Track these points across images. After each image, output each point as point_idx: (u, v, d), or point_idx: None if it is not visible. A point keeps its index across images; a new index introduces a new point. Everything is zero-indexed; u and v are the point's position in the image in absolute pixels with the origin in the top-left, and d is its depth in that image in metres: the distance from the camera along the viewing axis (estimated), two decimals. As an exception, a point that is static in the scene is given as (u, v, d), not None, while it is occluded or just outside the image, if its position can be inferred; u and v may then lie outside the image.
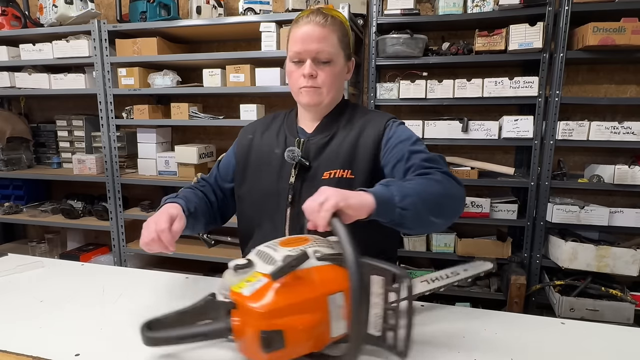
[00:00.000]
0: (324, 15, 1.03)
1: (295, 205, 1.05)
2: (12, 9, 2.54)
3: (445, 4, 2.06)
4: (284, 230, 1.07)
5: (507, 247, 2.17)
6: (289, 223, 1.06)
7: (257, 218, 1.10)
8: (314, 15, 1.03)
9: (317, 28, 1.01)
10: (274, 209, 1.08)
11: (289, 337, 0.65)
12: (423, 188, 0.85)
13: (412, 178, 0.90)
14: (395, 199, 0.81)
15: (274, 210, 1.08)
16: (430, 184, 0.87)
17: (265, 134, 1.15)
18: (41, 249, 2.75)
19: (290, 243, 0.76)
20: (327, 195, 0.74)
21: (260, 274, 0.69)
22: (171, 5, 2.33)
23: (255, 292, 0.66)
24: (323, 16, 1.03)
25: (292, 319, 0.65)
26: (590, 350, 0.81)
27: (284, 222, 1.07)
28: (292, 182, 1.06)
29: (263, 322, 0.64)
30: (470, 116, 2.19)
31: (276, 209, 1.07)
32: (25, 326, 0.87)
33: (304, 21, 1.03)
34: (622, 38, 1.84)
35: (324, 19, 1.02)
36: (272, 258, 0.72)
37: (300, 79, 1.04)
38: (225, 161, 1.21)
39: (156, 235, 0.90)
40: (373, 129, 1.06)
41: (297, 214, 1.05)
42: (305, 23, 1.02)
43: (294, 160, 1.04)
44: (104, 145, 2.47)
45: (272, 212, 1.08)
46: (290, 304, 0.66)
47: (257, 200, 1.10)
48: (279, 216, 1.07)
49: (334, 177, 1.04)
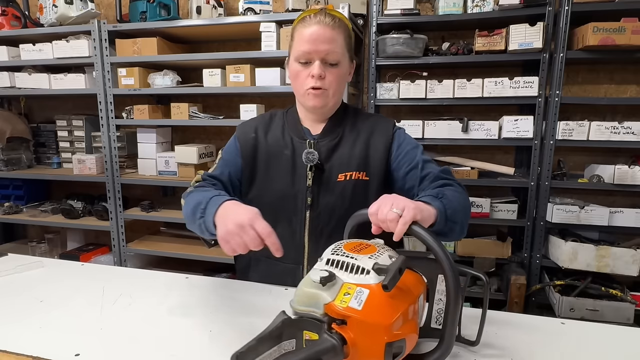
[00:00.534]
0: (332, 16, 1.03)
1: (315, 208, 1.06)
2: (12, 9, 2.54)
3: (445, 4, 2.06)
4: (303, 233, 1.08)
5: (507, 247, 2.17)
6: (309, 225, 1.07)
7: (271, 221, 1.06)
8: (323, 16, 1.02)
9: (327, 29, 1.01)
10: (291, 212, 1.08)
11: (408, 344, 0.67)
12: (459, 202, 0.91)
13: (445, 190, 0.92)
14: (448, 212, 0.85)
15: (291, 213, 1.08)
16: (462, 197, 0.93)
17: (268, 134, 1.13)
18: (41, 249, 2.75)
19: (362, 250, 0.73)
20: (404, 206, 0.76)
21: (353, 284, 0.67)
22: (171, 5, 2.33)
23: (368, 305, 0.64)
24: (331, 18, 1.02)
25: (407, 326, 0.67)
26: (590, 350, 0.81)
27: (303, 225, 1.07)
28: (309, 184, 1.06)
29: (388, 333, 0.63)
30: (470, 116, 2.19)
31: (294, 212, 1.07)
32: (25, 326, 0.86)
33: (313, 21, 1.02)
34: (622, 38, 1.84)
35: (332, 21, 1.02)
36: (359, 267, 0.69)
37: (308, 79, 1.03)
38: (230, 160, 1.13)
39: (261, 241, 0.77)
40: (381, 133, 1.10)
41: (317, 216, 1.07)
42: (315, 23, 1.01)
43: (312, 162, 1.05)
44: (104, 145, 2.47)
45: (289, 215, 1.08)
46: (403, 312, 0.66)
47: (271, 203, 1.08)
48: (298, 219, 1.08)
49: (350, 179, 1.06)
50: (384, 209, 0.77)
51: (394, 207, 0.76)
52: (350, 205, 1.03)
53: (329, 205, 1.07)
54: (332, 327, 0.64)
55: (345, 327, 0.64)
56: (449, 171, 1.05)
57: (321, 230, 1.07)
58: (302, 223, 1.08)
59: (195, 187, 1.04)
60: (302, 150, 1.08)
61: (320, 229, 1.07)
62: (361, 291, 0.66)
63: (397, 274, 0.65)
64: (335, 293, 0.66)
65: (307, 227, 1.08)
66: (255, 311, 0.94)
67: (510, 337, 0.84)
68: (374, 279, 0.67)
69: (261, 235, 0.76)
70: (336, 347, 0.62)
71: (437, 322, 0.80)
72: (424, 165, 1.05)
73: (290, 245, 1.07)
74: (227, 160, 1.13)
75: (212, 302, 0.99)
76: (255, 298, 1.01)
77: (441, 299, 0.79)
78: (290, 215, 1.08)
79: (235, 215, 0.79)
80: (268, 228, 0.76)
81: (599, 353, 0.80)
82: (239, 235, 0.77)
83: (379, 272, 0.67)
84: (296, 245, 1.09)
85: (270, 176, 1.10)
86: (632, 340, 0.85)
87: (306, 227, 1.08)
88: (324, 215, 1.07)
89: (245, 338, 0.63)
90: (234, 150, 1.14)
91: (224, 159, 1.14)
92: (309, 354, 0.62)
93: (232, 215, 0.80)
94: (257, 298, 1.01)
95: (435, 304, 0.79)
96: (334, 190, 1.07)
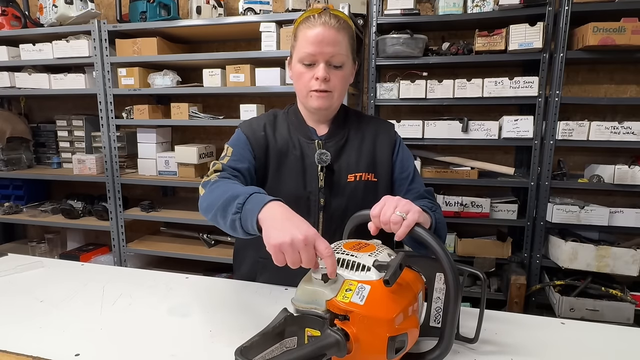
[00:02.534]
0: (337, 18, 1.01)
1: (327, 209, 1.07)
2: (12, 9, 2.54)
3: (445, 4, 2.06)
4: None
5: (507, 247, 2.17)
6: (323, 227, 1.07)
7: None
8: (327, 17, 0.99)
9: (332, 31, 0.99)
10: (303, 213, 1.04)
11: (410, 339, 0.68)
12: (443, 223, 0.98)
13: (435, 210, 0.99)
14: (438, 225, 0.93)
15: (304, 214, 1.05)
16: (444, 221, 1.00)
17: (276, 133, 1.10)
18: (41, 249, 2.75)
19: (362, 248, 0.74)
20: (408, 209, 0.78)
21: (355, 281, 0.68)
22: (171, 5, 2.33)
23: (370, 300, 0.65)
24: (336, 19, 1.00)
25: (409, 321, 0.68)
26: (590, 350, 0.81)
27: (317, 226, 1.07)
28: (322, 185, 1.06)
29: (391, 328, 0.64)
30: (470, 116, 2.19)
31: (307, 214, 1.07)
32: (25, 326, 0.86)
33: (318, 22, 0.99)
34: (622, 38, 1.84)
35: (337, 22, 1.00)
36: (359, 264, 0.70)
37: (311, 81, 1.02)
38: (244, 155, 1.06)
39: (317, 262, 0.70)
40: (385, 135, 1.13)
41: (330, 217, 1.07)
42: (320, 24, 0.98)
43: (325, 163, 1.05)
44: (104, 145, 2.47)
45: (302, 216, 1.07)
46: (404, 307, 0.67)
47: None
48: (311, 220, 1.05)
49: (360, 180, 1.07)
50: (387, 212, 0.78)
51: (398, 210, 0.77)
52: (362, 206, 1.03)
53: (342, 206, 1.06)
54: (335, 323, 0.65)
55: (347, 322, 0.64)
56: (432, 193, 1.11)
57: (334, 231, 1.06)
58: (315, 225, 1.06)
59: (220, 177, 0.96)
60: (310, 150, 1.07)
61: (334, 230, 1.06)
62: (363, 287, 0.67)
63: (398, 269, 0.66)
64: (337, 290, 0.67)
65: (320, 229, 1.07)
66: (255, 311, 0.94)
67: (510, 337, 0.84)
68: (375, 275, 0.68)
69: (322, 255, 0.68)
70: (340, 342, 0.63)
71: (435, 321, 0.81)
72: (413, 178, 1.11)
73: None
74: (240, 154, 1.05)
75: (212, 302, 0.99)
76: (255, 298, 1.01)
77: (439, 298, 0.80)
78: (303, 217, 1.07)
79: (294, 226, 0.71)
80: (330, 249, 0.68)
81: (599, 353, 0.80)
82: (298, 250, 0.68)
83: (380, 269, 0.68)
84: None
85: (280, 177, 1.08)
86: (632, 340, 0.85)
87: (320, 229, 1.07)
88: (337, 216, 1.07)
89: (245, 338, 0.63)
90: (245, 147, 1.07)
91: (237, 153, 1.05)
92: (313, 349, 0.62)
93: (290, 225, 0.71)
94: (257, 298, 1.01)
95: (433, 302, 0.80)
96: (345, 191, 1.07)
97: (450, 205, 2.21)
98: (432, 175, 2.21)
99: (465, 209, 2.18)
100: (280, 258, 0.69)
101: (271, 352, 0.65)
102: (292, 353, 0.63)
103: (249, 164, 1.04)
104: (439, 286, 0.79)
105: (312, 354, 0.62)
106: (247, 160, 1.05)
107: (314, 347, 0.62)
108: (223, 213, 0.84)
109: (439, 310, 0.80)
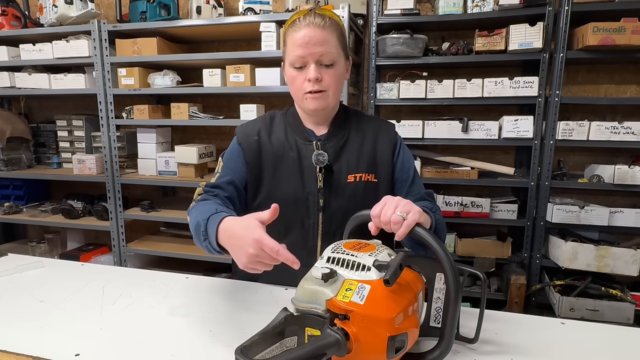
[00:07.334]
0: (322, 16, 1.00)
1: (327, 210, 1.06)
2: (12, 9, 2.54)
3: (445, 4, 2.06)
4: (317, 235, 1.07)
5: (507, 247, 2.17)
6: (322, 228, 1.07)
7: (284, 225, 1.06)
8: (312, 17, 0.99)
9: (318, 30, 0.98)
10: (303, 214, 1.07)
11: (410, 338, 0.68)
12: (443, 225, 0.99)
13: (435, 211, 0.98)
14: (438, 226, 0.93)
15: (304, 216, 1.07)
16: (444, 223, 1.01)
17: (271, 136, 1.10)
18: (41, 249, 2.75)
19: (362, 248, 0.74)
20: (409, 209, 0.78)
21: (355, 280, 0.68)
22: (171, 5, 2.33)
23: (370, 299, 0.65)
24: (321, 18, 1.00)
25: (409, 320, 0.68)
26: (590, 350, 0.81)
27: (317, 227, 1.07)
28: (320, 186, 1.06)
29: (391, 327, 0.64)
30: (470, 116, 2.19)
31: (306, 215, 1.07)
32: (25, 326, 0.86)
33: (303, 24, 0.99)
34: (622, 38, 1.84)
35: (322, 21, 0.99)
36: (359, 264, 0.69)
37: (305, 83, 1.02)
38: (233, 166, 1.09)
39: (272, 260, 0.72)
40: (386, 136, 1.12)
41: (329, 217, 1.07)
42: (305, 26, 0.98)
43: (323, 164, 1.04)
44: (104, 145, 2.47)
45: (302, 218, 1.07)
46: (404, 306, 0.67)
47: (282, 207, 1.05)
48: (310, 221, 1.07)
49: (360, 181, 1.07)
50: (388, 212, 0.78)
51: (398, 210, 0.77)
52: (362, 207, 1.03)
53: (342, 207, 1.06)
54: (335, 323, 0.65)
55: (347, 322, 0.64)
56: (433, 195, 1.11)
57: (334, 232, 1.06)
58: (315, 226, 1.07)
59: (197, 201, 0.99)
60: (308, 151, 1.07)
61: (333, 231, 1.06)
62: (363, 287, 0.67)
63: (398, 269, 0.66)
64: (337, 289, 0.67)
65: (320, 230, 1.07)
66: (255, 311, 0.94)
67: (510, 337, 0.84)
68: (375, 274, 0.68)
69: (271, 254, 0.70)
70: (340, 341, 0.63)
71: (436, 321, 0.81)
72: (414, 180, 1.11)
73: (302, 249, 1.07)
74: (229, 166, 1.09)
75: (212, 302, 0.99)
76: (255, 298, 1.01)
77: (440, 298, 0.80)
78: (303, 219, 1.07)
79: (240, 241, 0.74)
80: (275, 245, 0.69)
81: (599, 353, 0.80)
82: (257, 262, 0.72)
83: (380, 269, 0.68)
84: (309, 248, 1.08)
85: (277, 179, 1.08)
86: (632, 340, 0.85)
87: (319, 230, 1.07)
88: (337, 217, 1.06)
89: (245, 338, 0.63)
90: (237, 156, 1.09)
91: (227, 166, 1.09)
92: (313, 348, 0.62)
93: (238, 241, 0.74)
94: (257, 298, 1.01)
95: (433, 302, 0.80)
96: (345, 191, 1.07)
97: (450, 205, 2.21)
98: (432, 175, 2.21)
99: (465, 209, 2.18)
100: (259, 271, 0.74)
101: (271, 351, 0.65)
102: (292, 352, 0.62)
103: (237, 175, 1.07)
104: (439, 286, 0.79)
105: (312, 354, 0.62)
106: (235, 171, 1.08)
107: (314, 346, 0.62)
108: (198, 242, 0.89)
109: (439, 310, 0.80)
